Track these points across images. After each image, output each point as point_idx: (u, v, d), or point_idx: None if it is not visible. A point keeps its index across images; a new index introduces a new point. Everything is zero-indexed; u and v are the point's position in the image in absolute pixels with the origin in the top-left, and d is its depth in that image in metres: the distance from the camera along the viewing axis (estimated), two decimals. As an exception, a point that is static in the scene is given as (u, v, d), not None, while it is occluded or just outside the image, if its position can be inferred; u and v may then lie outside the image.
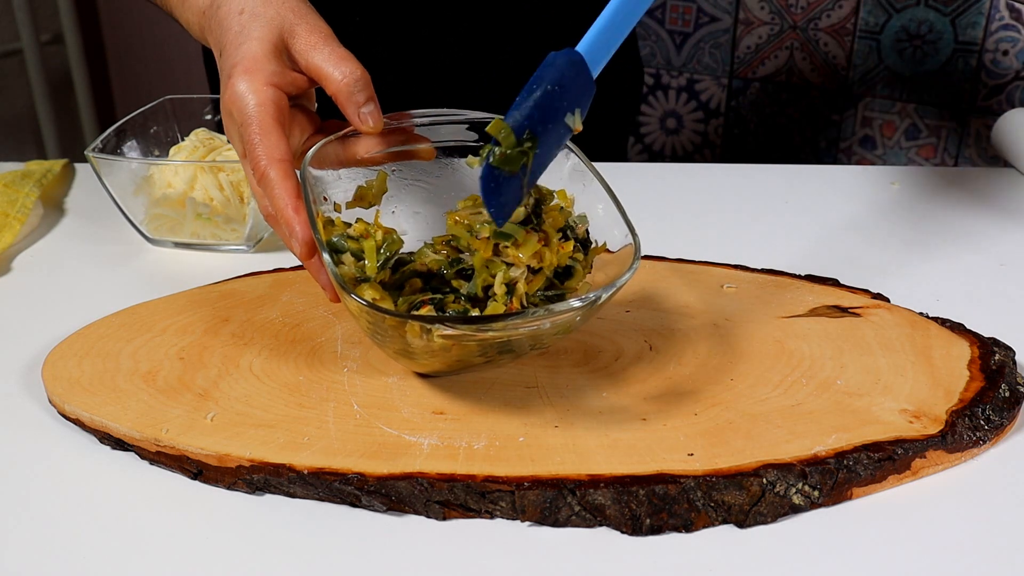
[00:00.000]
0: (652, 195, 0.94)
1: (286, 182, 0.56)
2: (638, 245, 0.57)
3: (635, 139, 1.80)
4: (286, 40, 0.60)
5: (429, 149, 0.63)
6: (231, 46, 0.60)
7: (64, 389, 0.60)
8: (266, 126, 0.57)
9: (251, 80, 0.58)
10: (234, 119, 0.59)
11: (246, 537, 0.51)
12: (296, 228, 0.56)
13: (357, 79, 0.59)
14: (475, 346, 0.54)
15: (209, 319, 0.68)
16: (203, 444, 0.54)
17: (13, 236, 0.82)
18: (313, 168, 0.59)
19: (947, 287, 0.76)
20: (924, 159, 1.57)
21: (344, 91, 0.59)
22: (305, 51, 0.60)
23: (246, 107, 0.58)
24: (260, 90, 0.58)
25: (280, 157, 0.57)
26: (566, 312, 0.52)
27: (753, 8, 1.61)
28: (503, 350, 0.56)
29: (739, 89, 1.68)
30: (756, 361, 0.63)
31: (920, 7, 1.47)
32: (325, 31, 0.61)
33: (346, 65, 0.59)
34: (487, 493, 0.51)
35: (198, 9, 0.65)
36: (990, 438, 0.56)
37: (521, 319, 0.52)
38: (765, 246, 0.84)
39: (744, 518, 0.51)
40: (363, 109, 0.59)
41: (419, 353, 0.55)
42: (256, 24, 0.60)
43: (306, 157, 0.58)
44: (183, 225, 0.81)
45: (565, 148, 0.62)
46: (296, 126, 0.61)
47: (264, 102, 0.58)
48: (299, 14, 0.61)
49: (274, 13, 0.60)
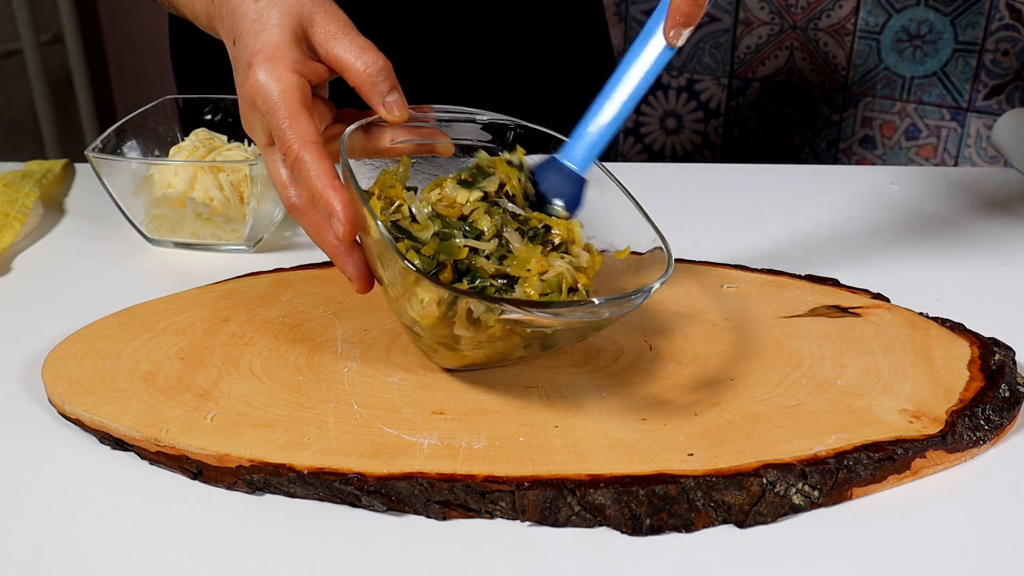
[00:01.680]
0: (652, 195, 0.94)
1: (323, 163, 0.55)
2: (668, 248, 0.58)
3: (635, 139, 1.80)
4: (305, 28, 0.59)
5: (448, 145, 0.63)
6: (248, 34, 0.59)
7: (64, 389, 0.60)
8: (294, 110, 0.56)
9: (274, 67, 0.57)
10: (257, 108, 0.57)
11: (246, 537, 0.51)
12: (337, 207, 0.54)
13: (380, 68, 0.58)
14: (521, 339, 0.54)
15: (209, 319, 0.68)
16: (203, 444, 0.54)
17: (13, 236, 0.82)
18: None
19: (947, 287, 0.76)
20: (924, 159, 1.57)
21: (367, 81, 0.58)
22: (325, 41, 0.59)
23: (271, 94, 0.56)
24: (284, 77, 0.57)
25: (312, 139, 0.55)
26: (625, 305, 0.52)
27: (753, 8, 1.61)
28: (546, 345, 0.56)
29: (739, 89, 1.68)
30: (756, 361, 0.63)
31: (920, 7, 1.47)
32: (344, 20, 0.60)
33: (368, 55, 0.58)
34: (487, 493, 0.51)
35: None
36: (990, 438, 0.56)
37: (587, 308, 0.52)
38: (765, 246, 0.84)
39: (744, 518, 0.51)
40: (388, 98, 0.59)
41: (463, 343, 0.55)
42: (274, 11, 0.59)
43: (342, 138, 0.57)
44: (183, 225, 0.81)
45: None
46: (316, 115, 0.60)
47: (289, 88, 0.56)
48: (317, 2, 0.60)
49: (292, 0, 0.59)
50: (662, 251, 0.58)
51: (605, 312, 0.52)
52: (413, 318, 0.55)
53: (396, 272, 0.53)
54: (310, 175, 0.55)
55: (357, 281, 0.58)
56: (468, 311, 0.52)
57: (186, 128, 0.89)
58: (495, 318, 0.52)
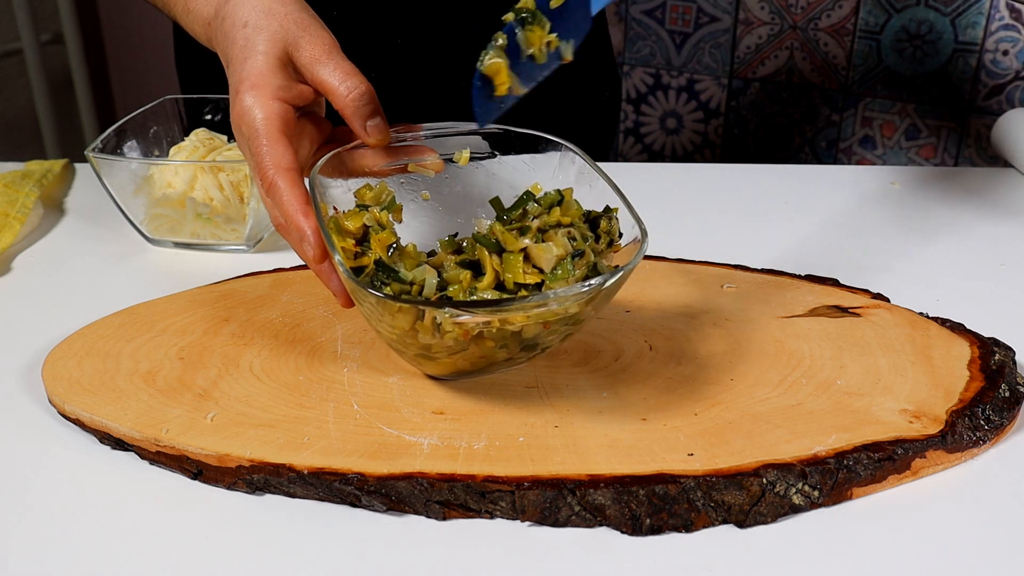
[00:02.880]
0: (652, 195, 0.94)
1: (294, 189, 0.57)
2: (644, 230, 0.57)
3: (635, 139, 1.80)
4: (290, 53, 0.61)
5: (437, 163, 0.64)
6: (236, 60, 0.61)
7: (64, 389, 0.60)
8: (272, 137, 0.58)
9: (258, 95, 0.59)
10: (243, 133, 0.60)
11: (246, 537, 0.51)
12: (307, 233, 0.56)
13: (362, 94, 0.60)
14: (493, 342, 0.54)
15: (209, 319, 0.68)
16: (203, 444, 0.54)
17: (13, 236, 0.82)
18: (323, 177, 0.60)
19: (947, 287, 0.76)
20: (924, 159, 1.57)
21: (350, 106, 0.60)
22: (310, 64, 0.61)
23: (253, 121, 0.59)
24: (266, 104, 0.59)
25: (287, 166, 0.58)
26: (571, 294, 0.52)
27: (753, 8, 1.61)
28: (527, 345, 0.56)
29: (739, 89, 1.68)
30: (756, 361, 0.63)
31: (920, 7, 1.47)
32: (328, 43, 0.61)
33: (351, 80, 0.60)
34: (487, 493, 0.51)
35: (203, 20, 0.66)
36: (990, 438, 0.56)
37: (527, 301, 0.52)
38: (765, 246, 0.84)
39: (744, 518, 0.51)
40: (369, 123, 0.61)
41: (436, 351, 0.55)
42: (260, 38, 0.60)
43: (316, 166, 0.59)
44: (183, 225, 0.81)
45: (570, 152, 0.64)
46: (306, 136, 0.63)
47: (270, 115, 0.59)
48: (302, 26, 0.61)
49: (277, 26, 0.61)
50: (638, 241, 0.57)
51: (553, 303, 0.52)
52: (387, 334, 0.55)
53: (357, 290, 0.54)
54: (282, 200, 0.57)
55: (339, 296, 0.59)
56: (433, 319, 0.53)
57: (186, 128, 0.90)
58: (450, 322, 0.52)
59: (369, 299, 0.53)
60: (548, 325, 0.54)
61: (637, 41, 1.72)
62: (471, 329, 0.53)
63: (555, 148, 0.64)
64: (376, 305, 0.54)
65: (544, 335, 0.55)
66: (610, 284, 0.53)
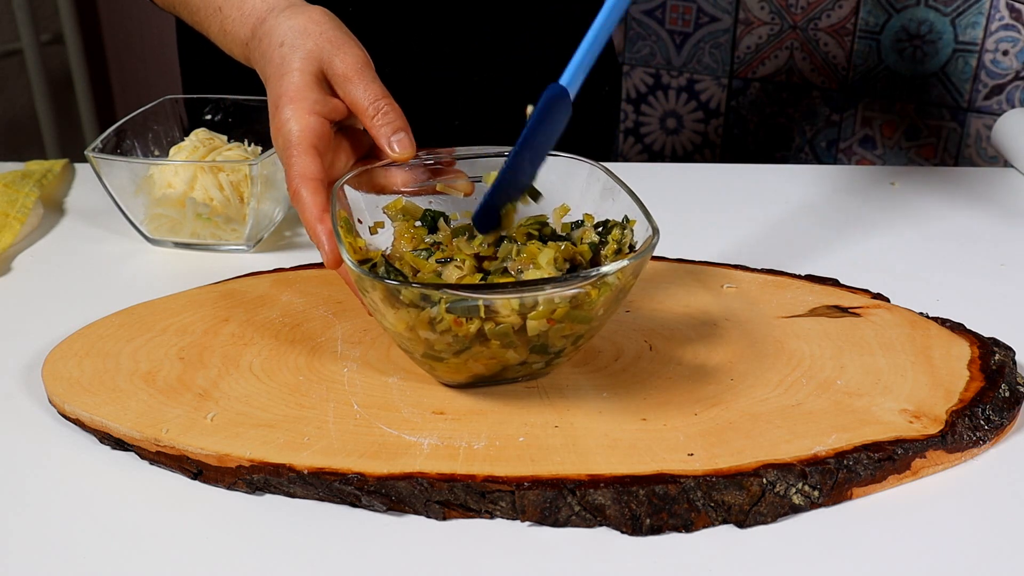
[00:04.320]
0: (652, 195, 0.94)
1: (314, 197, 0.60)
2: (656, 228, 0.57)
3: (635, 139, 1.80)
4: (325, 70, 0.64)
5: (467, 185, 0.66)
6: (274, 77, 0.64)
7: (64, 389, 0.60)
8: (302, 148, 0.61)
9: (295, 109, 0.62)
10: (279, 144, 0.63)
11: (246, 537, 0.51)
12: (322, 239, 0.59)
13: (386, 112, 0.63)
14: (498, 342, 0.54)
15: (209, 319, 0.68)
16: (203, 444, 0.54)
17: (13, 236, 0.82)
18: (351, 189, 0.63)
19: (947, 287, 0.76)
20: (924, 159, 1.57)
21: (377, 123, 0.63)
22: (342, 82, 0.63)
23: (289, 133, 0.62)
24: (302, 117, 0.62)
25: (311, 176, 0.60)
26: (572, 282, 0.52)
27: (753, 8, 1.61)
28: (535, 347, 0.55)
29: (739, 89, 1.68)
30: (756, 361, 0.63)
31: (920, 7, 1.47)
32: (360, 62, 0.64)
33: (379, 100, 0.63)
34: (487, 493, 0.51)
35: (240, 41, 0.69)
36: (990, 438, 0.56)
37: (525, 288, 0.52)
38: (765, 246, 0.84)
39: (744, 518, 0.51)
40: (393, 137, 0.63)
41: (441, 350, 0.55)
42: (296, 56, 0.64)
43: (342, 178, 0.62)
44: (183, 225, 0.81)
45: (596, 170, 0.65)
46: (341, 150, 0.65)
47: (304, 128, 0.61)
48: (336, 44, 0.64)
49: (312, 45, 0.64)
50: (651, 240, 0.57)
51: (546, 288, 0.52)
52: (393, 330, 0.56)
53: (367, 287, 0.55)
54: (303, 207, 0.60)
55: (359, 298, 0.61)
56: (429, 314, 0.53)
57: (186, 128, 0.90)
58: (443, 308, 0.52)
59: (373, 295, 0.54)
60: (552, 322, 0.54)
61: (637, 41, 1.72)
62: (467, 322, 0.53)
63: (580, 167, 0.65)
64: (380, 303, 0.54)
65: (552, 335, 0.55)
66: (613, 271, 0.53)
